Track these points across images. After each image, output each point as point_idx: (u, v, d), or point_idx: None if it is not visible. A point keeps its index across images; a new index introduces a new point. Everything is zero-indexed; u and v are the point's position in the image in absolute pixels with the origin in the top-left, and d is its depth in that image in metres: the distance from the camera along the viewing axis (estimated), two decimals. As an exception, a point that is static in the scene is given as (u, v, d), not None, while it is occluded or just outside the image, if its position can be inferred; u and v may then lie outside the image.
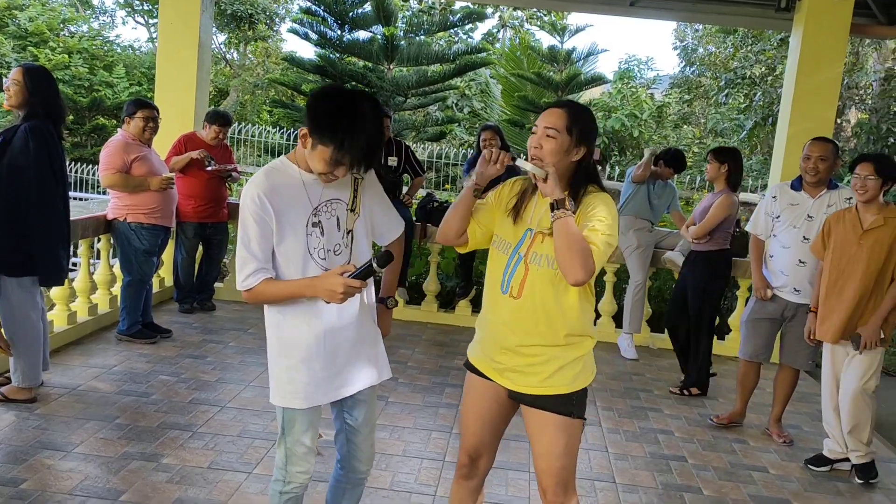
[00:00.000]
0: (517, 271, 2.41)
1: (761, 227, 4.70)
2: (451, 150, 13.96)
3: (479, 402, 2.57)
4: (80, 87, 18.71)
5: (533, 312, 2.39)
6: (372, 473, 3.66)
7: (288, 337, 2.43)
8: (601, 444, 4.38)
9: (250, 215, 2.29)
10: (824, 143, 4.48)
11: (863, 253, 4.03)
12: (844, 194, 4.47)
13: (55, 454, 3.60)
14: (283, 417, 2.47)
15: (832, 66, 6.50)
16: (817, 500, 3.93)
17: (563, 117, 2.36)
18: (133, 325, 5.47)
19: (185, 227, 6.29)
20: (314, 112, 2.25)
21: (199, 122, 6.76)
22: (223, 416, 4.28)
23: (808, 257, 4.45)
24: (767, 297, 4.62)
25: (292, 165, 2.37)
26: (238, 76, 22.43)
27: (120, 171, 5.26)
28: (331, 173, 2.28)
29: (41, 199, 4.04)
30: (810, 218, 4.47)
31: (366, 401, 2.57)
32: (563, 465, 2.47)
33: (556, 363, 2.42)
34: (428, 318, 6.89)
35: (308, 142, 2.27)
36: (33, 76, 4.06)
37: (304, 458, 2.49)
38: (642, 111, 17.20)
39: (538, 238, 2.39)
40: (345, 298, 2.23)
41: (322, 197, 2.38)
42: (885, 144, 12.62)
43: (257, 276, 2.31)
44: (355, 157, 2.24)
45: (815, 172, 4.43)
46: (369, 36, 14.35)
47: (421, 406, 4.76)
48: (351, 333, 2.46)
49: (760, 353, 4.74)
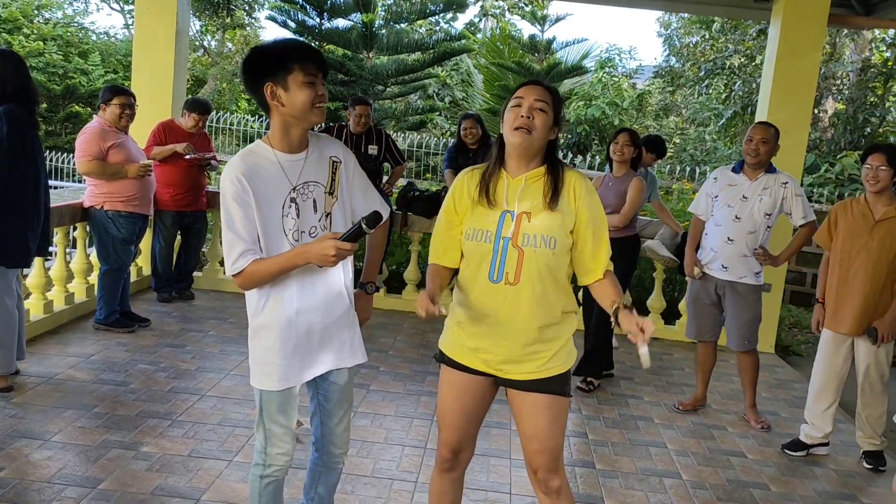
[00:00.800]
0: (508, 257, 2.35)
1: (702, 208, 4.81)
2: (431, 139, 13.92)
3: (459, 397, 2.51)
4: (54, 75, 18.46)
5: (534, 296, 2.35)
6: (353, 461, 3.67)
7: (264, 320, 2.41)
8: (581, 431, 4.40)
9: (231, 197, 2.28)
10: (766, 126, 4.58)
11: (874, 243, 4.05)
12: (781, 179, 4.57)
13: (32, 443, 3.56)
14: (261, 400, 2.46)
15: (810, 56, 6.55)
16: (794, 483, 3.98)
17: (549, 95, 2.38)
18: (111, 315, 5.42)
19: (164, 215, 6.23)
20: (260, 62, 2.30)
21: (177, 109, 6.68)
22: (203, 404, 4.26)
23: (736, 236, 4.55)
24: (694, 275, 4.76)
25: (267, 147, 2.37)
26: (216, 64, 22.21)
27: (96, 158, 5.20)
28: (317, 95, 2.29)
29: (9, 181, 3.97)
30: (745, 199, 4.57)
31: (339, 384, 2.55)
32: (555, 444, 2.47)
33: (556, 344, 2.41)
34: (409, 307, 6.88)
35: (278, 91, 2.28)
36: (5, 61, 3.99)
37: (283, 439, 2.47)
38: (623, 100, 17.24)
39: (522, 219, 2.35)
40: (336, 261, 2.22)
41: (300, 178, 2.37)
42: (861, 134, 12.76)
43: (246, 257, 2.28)
44: (315, 59, 2.29)
45: (756, 154, 4.52)
46: (348, 24, 14.29)
47: (402, 394, 4.76)
48: (326, 316, 2.44)
49: (705, 332, 4.84)
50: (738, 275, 4.58)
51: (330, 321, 2.46)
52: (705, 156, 14.90)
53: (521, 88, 2.41)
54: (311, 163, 2.40)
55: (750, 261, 4.56)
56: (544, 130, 2.35)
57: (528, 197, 2.36)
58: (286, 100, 2.28)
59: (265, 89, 2.28)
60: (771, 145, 4.52)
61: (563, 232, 2.35)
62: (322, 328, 2.45)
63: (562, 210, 2.35)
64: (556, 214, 2.35)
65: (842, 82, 13.70)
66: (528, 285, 2.35)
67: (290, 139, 2.36)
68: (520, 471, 3.76)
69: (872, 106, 13.02)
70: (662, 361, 6.08)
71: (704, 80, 15.27)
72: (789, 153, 6.40)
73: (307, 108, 2.29)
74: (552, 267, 2.36)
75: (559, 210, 2.35)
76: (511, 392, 2.49)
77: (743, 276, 4.58)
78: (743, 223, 4.54)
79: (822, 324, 4.31)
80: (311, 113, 2.31)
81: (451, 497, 2.64)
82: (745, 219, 4.54)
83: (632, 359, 6.08)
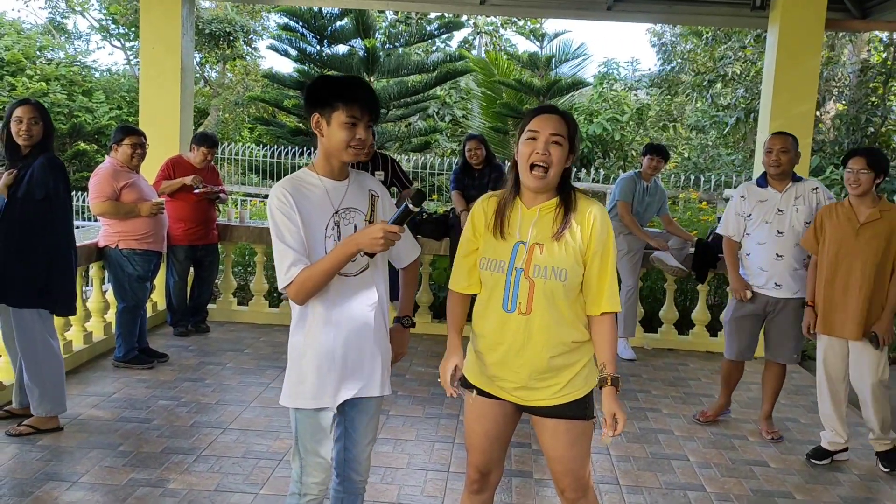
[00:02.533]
0: (521, 287, 2.37)
1: (732, 228, 4.73)
2: (435, 160, 13.99)
3: (483, 421, 2.54)
4: (59, 114, 18.62)
5: (546, 325, 2.37)
6: (378, 487, 3.70)
7: (304, 338, 2.48)
8: (602, 448, 4.41)
9: (278, 210, 2.37)
10: (784, 136, 4.57)
11: (861, 246, 4.09)
12: (810, 185, 4.57)
13: (61, 485, 3.60)
14: (296, 425, 2.52)
15: (809, 61, 6.60)
16: (819, 491, 3.98)
17: (564, 124, 2.37)
18: (129, 352, 5.47)
19: (176, 250, 6.29)
20: (313, 92, 2.41)
21: (185, 144, 6.76)
22: (226, 437, 4.29)
23: (784, 251, 4.52)
24: (747, 298, 4.63)
25: (312, 174, 2.48)
26: (218, 95, 22.39)
27: (110, 198, 5.27)
28: (354, 138, 2.37)
29: (60, 229, 4.13)
30: (780, 212, 4.54)
31: (368, 412, 2.60)
32: (578, 465, 2.49)
33: (570, 372, 2.42)
34: (423, 330, 6.90)
35: (322, 123, 2.39)
36: (44, 111, 4.13)
37: (318, 468, 2.52)
38: (623, 114, 17.30)
39: (534, 250, 2.37)
40: (386, 245, 2.28)
41: (342, 203, 2.47)
42: (864, 135, 12.76)
43: (297, 266, 2.34)
44: (364, 103, 2.37)
45: (778, 165, 4.50)
46: (348, 49, 14.40)
47: (422, 418, 4.78)
48: (362, 342, 2.51)
49: (745, 352, 4.76)
50: (792, 291, 4.53)
51: (365, 348, 2.52)
52: (709, 163, 14.93)
53: (535, 119, 2.38)
54: (353, 191, 2.51)
55: (801, 273, 4.51)
56: (560, 165, 2.36)
57: (541, 228, 2.39)
58: (326, 133, 2.40)
59: (312, 118, 2.41)
60: (791, 154, 4.50)
61: (575, 262, 2.37)
62: (357, 354, 2.50)
63: (573, 241, 2.37)
64: (566, 246, 2.36)
65: (842, 84, 13.73)
66: (539, 315, 2.37)
67: (332, 167, 2.47)
68: (543, 489, 3.78)
69: (874, 106, 13.02)
70: (678, 372, 6.08)
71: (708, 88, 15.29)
72: (794, 158, 6.43)
73: (342, 146, 2.39)
74: (563, 298, 2.38)
75: (570, 241, 2.37)
76: (533, 417, 2.52)
77: (797, 290, 4.53)
78: (787, 237, 4.49)
79: (813, 326, 4.32)
80: (344, 152, 2.40)
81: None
82: (788, 232, 4.49)
83: (649, 371, 6.09)
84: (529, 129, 2.37)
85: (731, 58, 14.62)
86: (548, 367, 2.40)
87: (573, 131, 2.39)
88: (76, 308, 4.49)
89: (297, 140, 13.98)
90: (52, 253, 4.10)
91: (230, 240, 7.00)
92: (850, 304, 4.13)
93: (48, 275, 4.09)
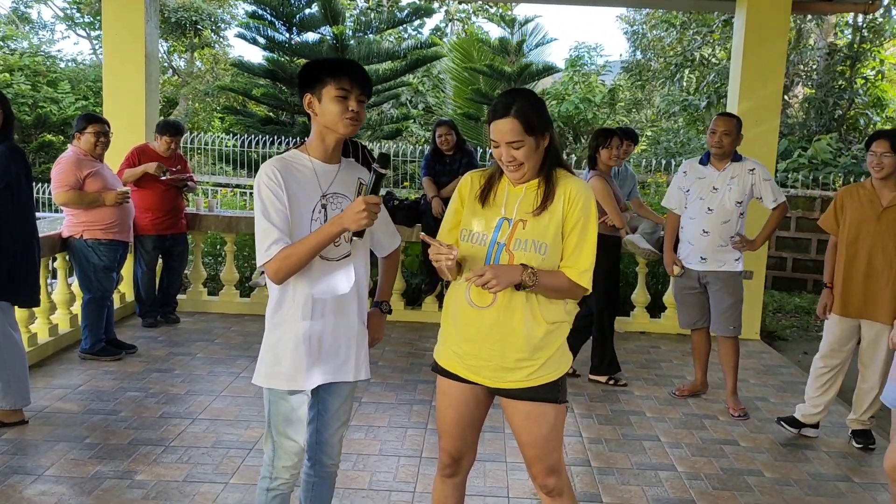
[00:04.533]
0: (500, 261, 2.36)
1: (674, 202, 4.91)
2: (407, 148, 13.92)
3: (455, 407, 2.52)
4: (23, 105, 18.27)
5: (524, 300, 2.35)
6: (350, 474, 3.68)
7: (281, 318, 2.46)
8: (575, 430, 4.42)
9: (265, 187, 2.35)
10: (728, 118, 4.68)
11: (882, 230, 4.10)
12: (748, 166, 4.67)
13: (26, 478, 3.53)
14: (269, 407, 2.50)
15: (776, 44, 6.63)
16: (788, 468, 4.02)
17: (517, 125, 2.30)
18: (96, 343, 5.39)
19: (144, 240, 6.20)
20: (303, 74, 2.44)
21: (151, 133, 6.65)
22: (195, 428, 4.24)
23: (711, 227, 4.64)
24: (673, 273, 4.86)
25: (303, 155, 2.47)
26: (187, 84, 22.10)
27: (73, 188, 5.17)
28: (347, 109, 2.37)
29: (21, 219, 4.04)
30: (715, 189, 4.66)
31: (341, 395, 2.59)
32: (551, 449, 2.48)
33: (545, 353, 2.40)
34: (395, 317, 6.87)
35: (314, 102, 2.40)
36: (3, 99, 4.03)
37: (290, 452, 2.50)
38: (594, 96, 17.33)
39: (518, 226, 2.37)
40: (370, 217, 2.26)
41: (331, 188, 2.46)
42: (832, 118, 12.90)
43: (278, 244, 2.32)
44: (353, 76, 2.37)
45: (720, 146, 4.62)
46: (318, 37, 14.26)
47: (394, 404, 4.76)
48: (338, 327, 2.49)
49: (696, 320, 4.91)
50: (718, 264, 4.67)
51: (341, 333, 2.51)
52: (679, 147, 15.01)
53: (491, 128, 2.35)
54: (342, 177, 2.50)
55: (727, 250, 4.64)
56: (531, 158, 2.34)
57: (525, 205, 2.38)
58: (319, 110, 2.40)
59: (304, 100, 2.42)
60: (734, 136, 4.61)
61: (555, 238, 2.36)
62: (333, 338, 2.49)
63: (554, 217, 2.36)
64: (546, 221, 2.36)
65: (810, 68, 13.86)
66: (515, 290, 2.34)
67: (326, 147, 2.46)
68: (515, 473, 3.78)
69: (841, 89, 13.17)
70: (650, 355, 6.12)
71: (675, 73, 15.36)
72: (762, 140, 6.48)
73: (336, 119, 2.38)
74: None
75: (551, 218, 2.36)
76: (504, 401, 2.49)
77: (722, 263, 4.66)
78: (716, 214, 4.62)
79: (829, 308, 4.33)
80: (339, 124, 2.39)
81: (454, 501, 2.67)
82: (717, 209, 4.62)
83: (621, 354, 6.10)
84: (492, 139, 2.38)
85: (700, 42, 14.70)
86: (526, 343, 2.37)
87: (527, 125, 2.30)
88: (40, 300, 4.40)
89: (267, 129, 13.82)
90: (13, 244, 4.00)
91: (199, 229, 6.92)
92: (872, 288, 4.12)
93: (10, 266, 4.00)
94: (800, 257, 9.90)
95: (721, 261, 4.65)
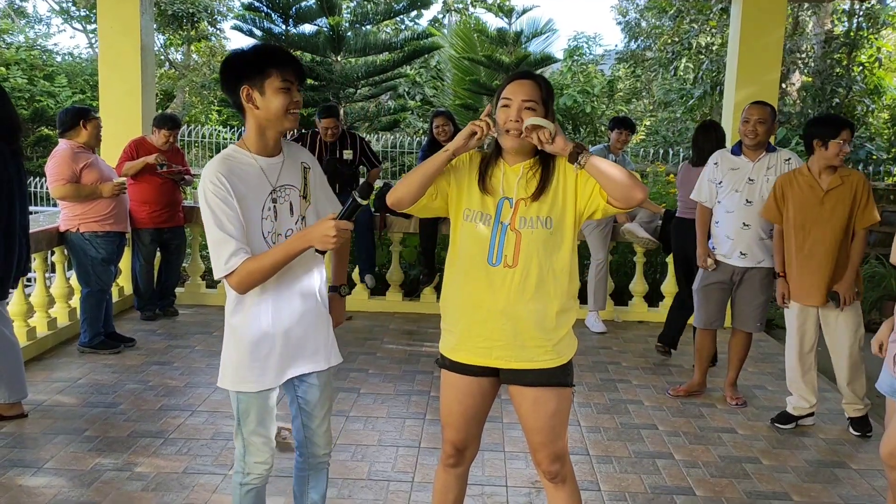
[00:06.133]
0: (507, 240, 2.35)
1: (705, 194, 4.74)
2: (405, 139, 13.90)
3: (461, 399, 2.50)
4: (20, 99, 18.22)
5: (532, 279, 2.34)
6: (348, 465, 3.69)
7: (240, 321, 2.41)
8: (573, 419, 4.43)
9: (214, 195, 2.26)
10: (763, 106, 4.54)
11: (826, 213, 4.12)
12: (783, 156, 4.58)
13: (25, 471, 3.55)
14: (238, 406, 2.45)
15: (773, 31, 6.62)
16: (785, 455, 4.03)
17: (538, 89, 2.33)
18: (95, 337, 5.39)
19: (142, 233, 6.20)
20: (237, 64, 2.32)
21: (147, 126, 6.64)
22: (194, 420, 4.25)
23: (751, 220, 4.53)
24: (707, 267, 4.68)
25: (244, 152, 2.38)
26: (184, 77, 22.04)
27: (70, 181, 5.16)
28: (292, 101, 2.32)
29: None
30: (751, 181, 4.55)
31: (319, 385, 2.56)
32: (557, 435, 2.47)
33: (555, 335, 2.39)
34: (393, 308, 6.89)
35: (253, 94, 2.30)
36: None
37: (262, 448, 2.48)
38: (593, 87, 17.29)
39: (520, 205, 2.36)
40: (338, 242, 2.21)
41: (278, 181, 2.39)
42: (829, 105, 12.87)
43: (239, 256, 2.24)
44: (295, 67, 2.32)
45: (755, 135, 4.50)
46: (315, 29, 14.21)
47: (393, 395, 4.78)
48: (302, 319, 2.45)
49: (714, 320, 4.80)
50: (756, 260, 4.56)
51: (306, 325, 2.47)
52: (677, 136, 14.98)
53: (508, 86, 2.36)
54: (288, 167, 2.43)
55: (767, 243, 4.54)
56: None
57: (526, 184, 2.38)
58: (261, 104, 2.31)
59: (241, 92, 2.31)
60: (768, 125, 4.49)
61: (561, 212, 2.36)
62: (299, 332, 2.45)
63: (555, 194, 2.37)
64: (550, 199, 2.36)
65: (807, 55, 13.82)
66: (525, 268, 2.34)
67: (266, 142, 2.38)
68: (514, 462, 3.79)
69: (838, 77, 13.14)
70: (648, 344, 6.13)
71: (672, 61, 15.32)
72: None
73: (281, 113, 2.31)
74: (549, 248, 2.35)
75: (552, 196, 2.36)
76: (512, 388, 2.47)
77: (761, 260, 4.56)
78: (755, 206, 4.51)
79: (787, 297, 4.35)
80: (284, 119, 2.33)
81: (456, 491, 2.66)
82: (757, 201, 4.50)
83: (619, 343, 6.13)
84: (503, 97, 2.35)
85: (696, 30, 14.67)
86: (536, 323, 2.36)
87: (547, 95, 2.35)
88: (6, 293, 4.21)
89: (264, 121, 13.79)
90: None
91: (197, 222, 6.91)
92: (818, 271, 4.16)
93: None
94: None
95: (761, 257, 4.55)
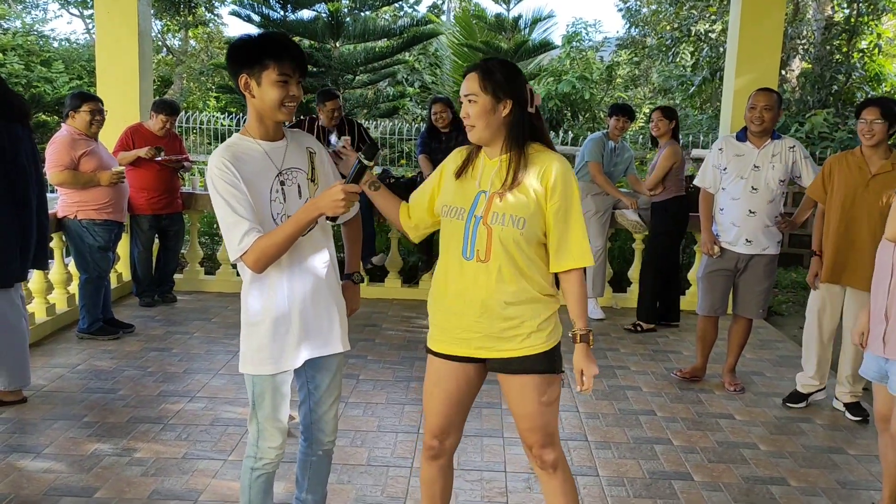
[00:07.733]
0: (479, 234, 2.36)
1: (709, 180, 4.73)
2: (403, 126, 13.88)
3: (441, 383, 2.52)
4: (17, 85, 18.15)
5: (502, 272, 2.35)
6: (348, 451, 3.70)
7: (258, 303, 2.43)
8: (571, 405, 4.45)
9: (222, 181, 2.27)
10: (769, 93, 4.52)
11: (870, 197, 4.08)
12: (788, 143, 4.56)
13: (25, 456, 3.55)
14: (254, 390, 2.47)
15: (773, 17, 6.59)
16: (782, 441, 4.05)
17: (476, 79, 2.34)
18: (94, 323, 5.39)
19: (140, 219, 6.19)
20: (239, 51, 2.33)
21: (145, 112, 6.62)
22: (194, 406, 4.26)
23: (757, 207, 4.52)
24: (713, 253, 4.67)
25: (247, 138, 2.40)
26: (181, 63, 21.96)
27: (68, 167, 5.15)
28: (288, 95, 2.31)
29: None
30: (756, 168, 4.52)
31: (330, 369, 2.58)
32: (546, 421, 2.48)
33: (533, 322, 2.39)
34: (392, 295, 6.90)
35: (251, 83, 2.31)
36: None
37: (275, 433, 2.49)
38: (592, 73, 17.24)
39: (494, 199, 2.36)
40: (347, 206, 2.22)
41: (284, 164, 2.41)
42: (829, 92, 12.85)
43: (251, 235, 2.26)
44: (294, 60, 2.31)
45: (761, 122, 4.47)
46: (313, 14, 14.14)
47: (392, 381, 4.78)
48: (316, 303, 2.47)
49: (717, 306, 4.79)
50: (762, 247, 4.57)
51: (321, 306, 2.49)
52: (677, 123, 14.95)
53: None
54: (292, 151, 2.45)
55: (772, 230, 4.55)
56: (482, 118, 2.33)
57: (502, 178, 2.38)
58: (257, 93, 2.32)
59: (240, 79, 2.32)
60: (775, 111, 4.48)
61: (535, 213, 2.34)
62: (314, 313, 2.47)
63: (532, 192, 2.35)
64: (524, 195, 2.34)
65: (807, 41, 13.77)
66: (498, 262, 2.35)
67: (266, 128, 2.40)
68: (513, 448, 3.80)
69: (838, 63, 13.10)
70: (646, 331, 6.13)
71: (671, 48, 15.28)
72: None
73: (275, 105, 2.32)
74: (522, 245, 2.36)
75: (529, 192, 2.34)
76: (500, 376, 2.49)
77: (766, 247, 4.57)
78: (761, 193, 4.49)
79: (819, 276, 4.33)
80: (278, 111, 2.33)
81: (441, 484, 2.65)
82: (763, 189, 4.49)
83: (618, 330, 6.14)
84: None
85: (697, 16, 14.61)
86: (512, 314, 2.38)
87: (485, 81, 2.32)
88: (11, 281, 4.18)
89: (262, 108, 13.75)
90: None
91: (195, 209, 6.90)
92: (858, 255, 4.12)
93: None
94: (796, 233, 9.86)
95: (766, 244, 4.55)
